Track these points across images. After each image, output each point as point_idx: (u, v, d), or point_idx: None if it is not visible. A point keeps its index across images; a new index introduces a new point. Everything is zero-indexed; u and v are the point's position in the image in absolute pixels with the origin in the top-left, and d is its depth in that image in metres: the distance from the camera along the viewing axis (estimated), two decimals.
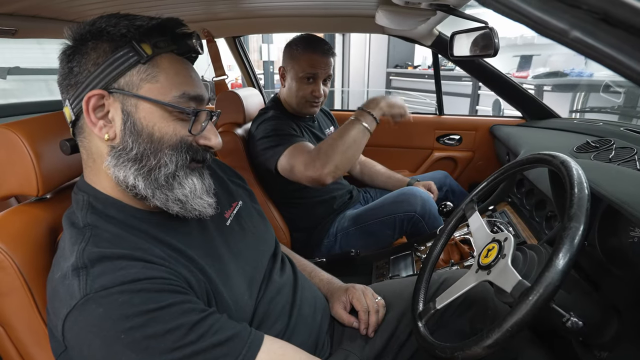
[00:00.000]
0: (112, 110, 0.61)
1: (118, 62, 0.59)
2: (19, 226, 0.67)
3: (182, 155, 0.63)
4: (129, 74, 0.60)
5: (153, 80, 0.61)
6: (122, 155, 0.61)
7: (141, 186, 0.61)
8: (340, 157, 1.18)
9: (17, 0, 0.99)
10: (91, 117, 0.60)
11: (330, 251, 1.51)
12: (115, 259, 0.55)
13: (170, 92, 0.62)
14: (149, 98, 0.60)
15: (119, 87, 0.60)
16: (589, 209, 0.56)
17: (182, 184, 0.64)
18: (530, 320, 0.53)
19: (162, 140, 0.62)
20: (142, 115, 0.61)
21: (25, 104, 3.14)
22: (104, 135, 0.61)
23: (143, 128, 0.61)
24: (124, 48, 0.59)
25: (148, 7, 1.38)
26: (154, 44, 0.61)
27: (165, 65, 0.62)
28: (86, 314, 0.52)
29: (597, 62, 0.34)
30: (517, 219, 1.28)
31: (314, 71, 1.41)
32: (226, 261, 0.70)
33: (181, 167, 0.63)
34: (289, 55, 1.45)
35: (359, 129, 1.19)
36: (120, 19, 0.60)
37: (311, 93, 1.44)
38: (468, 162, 2.07)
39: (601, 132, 1.33)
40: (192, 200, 0.64)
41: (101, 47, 0.60)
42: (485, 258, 0.69)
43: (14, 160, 0.68)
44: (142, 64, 0.60)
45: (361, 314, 0.88)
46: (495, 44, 1.21)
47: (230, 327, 0.59)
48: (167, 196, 0.63)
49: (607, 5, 0.32)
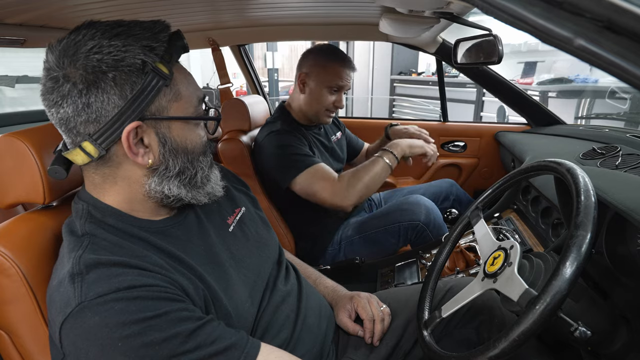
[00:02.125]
0: (146, 136, 0.61)
1: (147, 90, 0.58)
2: (24, 234, 0.67)
3: (208, 155, 0.70)
4: (158, 99, 0.60)
5: (178, 98, 0.62)
6: (165, 174, 0.64)
7: (184, 193, 0.66)
8: (365, 190, 1.31)
9: (25, 11, 1.01)
10: (132, 149, 0.59)
11: (335, 259, 1.51)
12: (111, 266, 0.56)
13: (191, 104, 0.64)
14: (180, 117, 0.63)
15: (151, 115, 0.60)
16: (596, 217, 0.55)
17: (209, 178, 0.70)
18: (537, 329, 0.52)
19: (194, 151, 0.66)
20: (176, 134, 0.63)
21: (33, 112, 3.18)
22: (146, 162, 0.61)
23: (178, 145, 0.64)
24: (148, 75, 0.58)
25: (154, 17, 1.39)
26: (164, 60, 0.60)
27: (180, 78, 0.63)
28: (81, 322, 0.52)
29: (601, 69, 0.33)
30: (523, 226, 1.27)
31: (342, 83, 1.44)
32: (227, 268, 0.70)
33: (210, 166, 0.71)
34: (315, 63, 1.44)
35: (382, 165, 1.32)
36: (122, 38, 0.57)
37: (333, 103, 1.46)
38: (473, 169, 2.06)
39: (607, 138, 1.32)
40: (215, 189, 0.71)
41: (124, 78, 0.57)
42: (491, 266, 0.68)
43: (21, 169, 0.69)
44: (167, 86, 0.60)
45: (366, 323, 0.88)
46: (499, 51, 1.21)
47: (228, 336, 0.59)
48: (200, 192, 0.68)
49: (610, 13, 0.32)
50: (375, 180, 1.32)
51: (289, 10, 1.47)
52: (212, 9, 1.43)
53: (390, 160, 1.32)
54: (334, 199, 1.30)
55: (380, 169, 1.32)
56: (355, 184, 1.30)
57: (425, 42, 1.74)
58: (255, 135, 1.57)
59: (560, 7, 0.34)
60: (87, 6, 1.09)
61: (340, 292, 0.96)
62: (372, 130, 2.13)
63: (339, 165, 1.63)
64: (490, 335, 0.81)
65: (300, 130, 1.48)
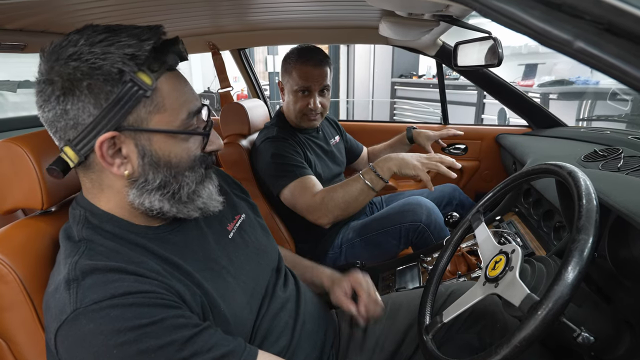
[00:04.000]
0: (124, 147, 0.59)
1: (122, 101, 0.56)
2: (22, 239, 0.67)
3: (198, 170, 0.65)
4: (136, 110, 0.57)
5: (161, 110, 0.59)
6: (145, 186, 0.61)
7: (167, 208, 0.63)
8: (340, 212, 1.24)
9: (25, 17, 1.01)
10: (107, 159, 0.58)
11: (336, 262, 1.50)
12: (107, 272, 0.55)
13: (178, 117, 0.61)
14: (161, 130, 0.59)
15: (128, 125, 0.58)
16: (597, 221, 0.55)
17: (200, 194, 0.66)
18: (539, 335, 0.51)
19: (179, 165, 0.63)
20: (157, 146, 0.60)
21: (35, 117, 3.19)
22: (122, 172, 0.60)
23: (160, 158, 0.61)
24: (125, 84, 0.55)
25: (155, 22, 1.39)
26: (149, 69, 0.57)
27: (167, 89, 0.59)
28: (76, 328, 0.51)
29: (601, 72, 0.33)
30: (525, 229, 1.27)
31: (306, 84, 1.38)
32: (225, 275, 0.69)
33: (199, 182, 0.66)
34: (284, 69, 1.45)
35: (361, 188, 1.21)
36: (104, 45, 0.55)
37: (307, 106, 1.42)
38: (474, 172, 2.05)
39: (609, 140, 1.32)
40: (209, 204, 0.68)
41: (99, 87, 0.55)
42: (493, 270, 0.68)
43: (20, 174, 0.69)
44: (147, 97, 0.57)
45: (363, 296, 0.87)
46: (499, 53, 1.20)
47: (225, 344, 0.58)
48: (189, 208, 0.65)
49: (610, 15, 0.31)
50: (351, 203, 1.22)
51: (289, 14, 1.48)
52: (212, 13, 1.43)
53: (371, 181, 1.20)
54: (309, 215, 1.28)
55: (357, 191, 1.21)
56: (328, 203, 1.24)
57: (425, 45, 1.74)
58: (254, 139, 1.57)
59: (559, 10, 0.34)
60: (87, 11, 1.09)
61: (337, 275, 0.96)
62: (373, 133, 2.13)
63: (338, 169, 1.63)
64: (492, 340, 0.80)
65: (296, 135, 1.48)
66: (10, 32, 1.09)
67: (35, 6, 0.93)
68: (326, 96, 1.46)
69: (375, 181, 1.20)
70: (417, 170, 1.17)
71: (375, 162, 1.23)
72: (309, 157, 1.45)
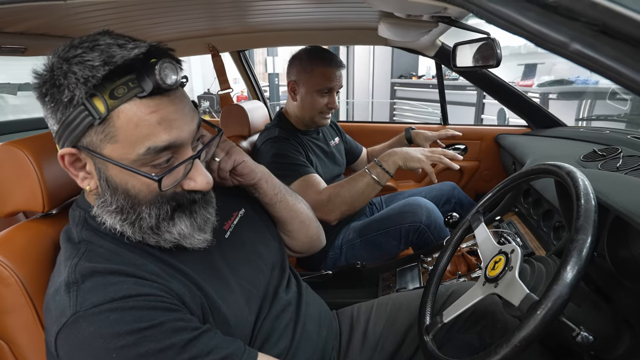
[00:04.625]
0: (88, 163, 0.58)
1: (73, 123, 0.53)
2: (24, 242, 0.67)
3: (163, 207, 0.59)
4: (88, 134, 0.54)
5: (112, 141, 0.54)
6: (104, 206, 0.59)
7: (129, 233, 0.60)
8: (347, 207, 1.26)
9: (26, 20, 1.02)
10: (71, 170, 0.59)
11: (336, 263, 1.50)
12: (107, 274, 0.55)
13: (133, 150, 0.54)
14: (112, 161, 0.55)
15: (84, 146, 0.56)
16: (596, 221, 0.55)
17: (169, 230, 0.61)
18: (539, 335, 0.52)
19: (138, 197, 0.58)
20: (113, 173, 0.57)
21: (35, 120, 3.19)
22: (85, 186, 0.60)
23: (117, 185, 0.58)
24: (77, 107, 0.53)
25: (154, 24, 1.40)
26: (110, 93, 0.52)
27: (123, 120, 0.53)
28: (76, 332, 0.52)
29: (597, 73, 0.33)
30: (525, 229, 1.27)
31: (330, 84, 1.43)
32: (224, 276, 0.69)
33: (164, 218, 0.60)
34: (300, 69, 1.45)
35: (367, 182, 1.23)
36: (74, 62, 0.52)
37: (326, 105, 1.45)
38: (474, 172, 2.05)
39: (608, 140, 1.32)
40: (183, 240, 0.62)
41: (56, 105, 0.54)
42: (492, 270, 0.68)
43: (20, 177, 0.69)
44: (97, 125, 0.53)
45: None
46: (498, 54, 1.21)
47: (225, 346, 0.58)
48: (157, 240, 0.61)
49: (606, 17, 0.32)
50: (358, 198, 1.25)
51: (288, 15, 1.48)
52: (212, 16, 1.44)
53: (378, 175, 1.22)
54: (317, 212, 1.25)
55: (364, 185, 1.23)
56: (335, 199, 1.25)
57: (424, 46, 1.74)
58: (254, 140, 1.57)
59: (555, 12, 0.34)
60: (87, 14, 1.10)
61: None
62: (373, 134, 2.13)
63: (338, 170, 1.63)
64: (493, 340, 0.80)
65: (297, 136, 1.48)
66: (11, 35, 1.09)
67: (35, 10, 0.93)
68: (338, 96, 1.51)
69: (381, 175, 1.23)
70: (422, 162, 1.21)
71: (380, 157, 1.26)
72: (310, 158, 1.45)
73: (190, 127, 0.58)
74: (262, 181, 0.84)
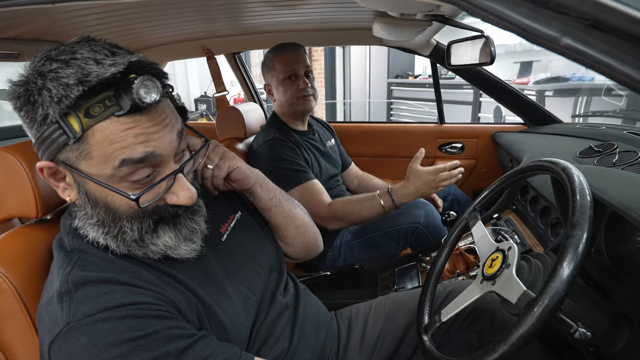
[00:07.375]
0: (67, 176, 0.58)
1: (48, 140, 0.52)
2: (17, 248, 0.67)
3: (145, 221, 0.58)
4: (64, 150, 0.53)
5: (87, 157, 0.53)
6: (86, 219, 0.59)
7: (113, 246, 0.58)
8: (349, 224, 1.40)
9: (19, 25, 1.01)
10: (51, 181, 0.58)
11: (335, 264, 1.49)
12: (100, 283, 0.55)
13: (107, 165, 0.53)
14: (88, 177, 0.54)
15: (61, 161, 0.54)
16: (592, 216, 0.55)
17: (154, 243, 0.60)
18: (537, 331, 0.51)
19: (118, 212, 0.57)
20: (92, 187, 0.56)
21: None
22: (66, 197, 0.59)
23: (97, 198, 0.57)
24: (50, 125, 0.51)
25: (148, 28, 1.40)
26: (86, 112, 0.50)
27: (99, 137, 0.51)
28: (70, 342, 0.51)
29: (589, 68, 0.33)
30: (522, 226, 1.27)
31: (291, 67, 1.46)
32: (220, 281, 0.68)
33: (146, 232, 0.59)
34: (265, 69, 1.52)
35: (377, 208, 1.33)
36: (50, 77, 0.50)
37: (298, 88, 1.47)
38: (471, 170, 2.06)
39: (604, 136, 1.32)
40: (170, 251, 0.61)
41: (31, 118, 0.53)
42: (490, 268, 0.68)
43: (13, 183, 0.68)
44: (72, 143, 0.52)
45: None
46: (492, 52, 1.21)
47: (220, 352, 0.57)
48: (145, 252, 0.60)
49: (596, 11, 0.31)
50: (362, 219, 1.36)
51: (283, 17, 1.48)
52: (206, 18, 1.43)
53: (386, 205, 1.32)
54: (321, 221, 1.33)
55: (373, 209, 1.33)
56: (344, 217, 1.35)
57: (419, 45, 1.74)
58: (250, 142, 1.57)
59: (545, 7, 0.34)
60: (81, 18, 1.09)
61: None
62: (370, 135, 2.13)
63: (335, 170, 1.63)
64: (492, 338, 0.79)
65: (293, 137, 1.49)
66: (4, 40, 1.09)
67: (28, 15, 0.93)
68: (311, 79, 1.51)
69: (389, 206, 1.32)
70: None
71: (394, 189, 1.33)
72: (306, 157, 1.45)
73: (171, 139, 0.56)
74: (256, 186, 0.83)
